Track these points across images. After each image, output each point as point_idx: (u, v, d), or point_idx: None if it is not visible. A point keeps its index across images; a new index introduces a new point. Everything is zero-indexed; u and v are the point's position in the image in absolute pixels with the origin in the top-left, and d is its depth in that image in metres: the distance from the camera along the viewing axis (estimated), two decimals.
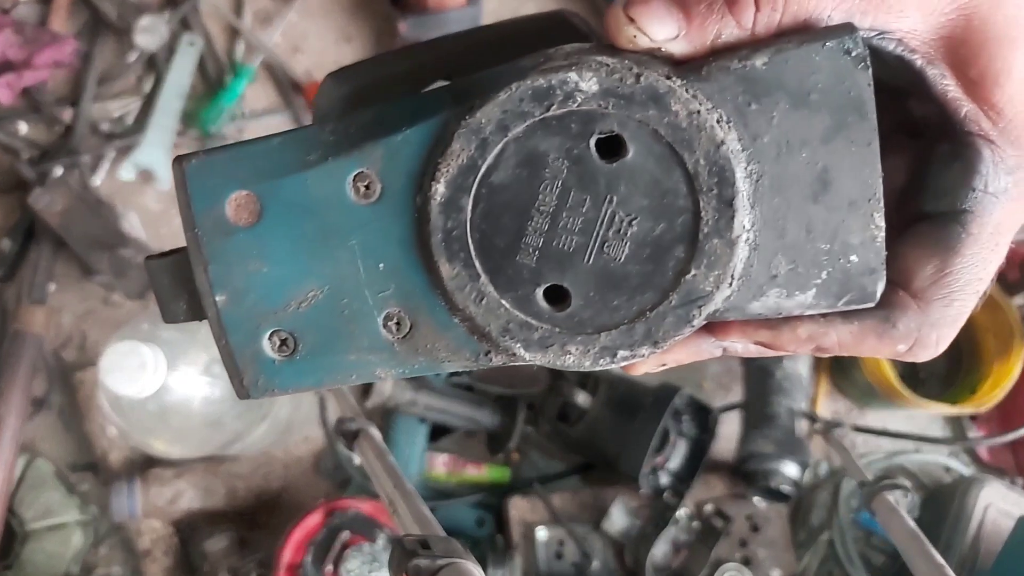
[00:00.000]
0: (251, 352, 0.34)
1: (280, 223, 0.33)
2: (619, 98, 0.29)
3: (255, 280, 0.33)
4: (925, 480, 1.11)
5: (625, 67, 0.29)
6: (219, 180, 0.32)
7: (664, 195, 0.30)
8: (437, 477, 1.09)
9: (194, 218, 0.33)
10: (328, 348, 0.34)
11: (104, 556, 1.08)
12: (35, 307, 1.10)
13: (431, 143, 0.31)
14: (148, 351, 0.76)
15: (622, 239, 0.31)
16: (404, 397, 1.01)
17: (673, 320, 0.31)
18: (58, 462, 1.09)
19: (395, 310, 0.33)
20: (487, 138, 0.30)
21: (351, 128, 0.32)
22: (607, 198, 0.30)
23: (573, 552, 0.99)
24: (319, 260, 0.33)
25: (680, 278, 0.31)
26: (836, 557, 1.07)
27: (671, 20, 0.29)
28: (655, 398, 0.97)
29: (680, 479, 1.00)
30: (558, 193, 0.30)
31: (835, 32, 0.29)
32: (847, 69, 0.29)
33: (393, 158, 0.32)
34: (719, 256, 0.30)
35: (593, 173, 0.30)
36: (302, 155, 0.32)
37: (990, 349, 1.04)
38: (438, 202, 0.31)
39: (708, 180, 0.30)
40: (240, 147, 0.33)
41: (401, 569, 0.40)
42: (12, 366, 1.06)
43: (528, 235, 0.31)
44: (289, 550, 0.92)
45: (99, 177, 1.16)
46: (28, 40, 1.14)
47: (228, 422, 0.88)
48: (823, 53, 0.29)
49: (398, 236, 0.32)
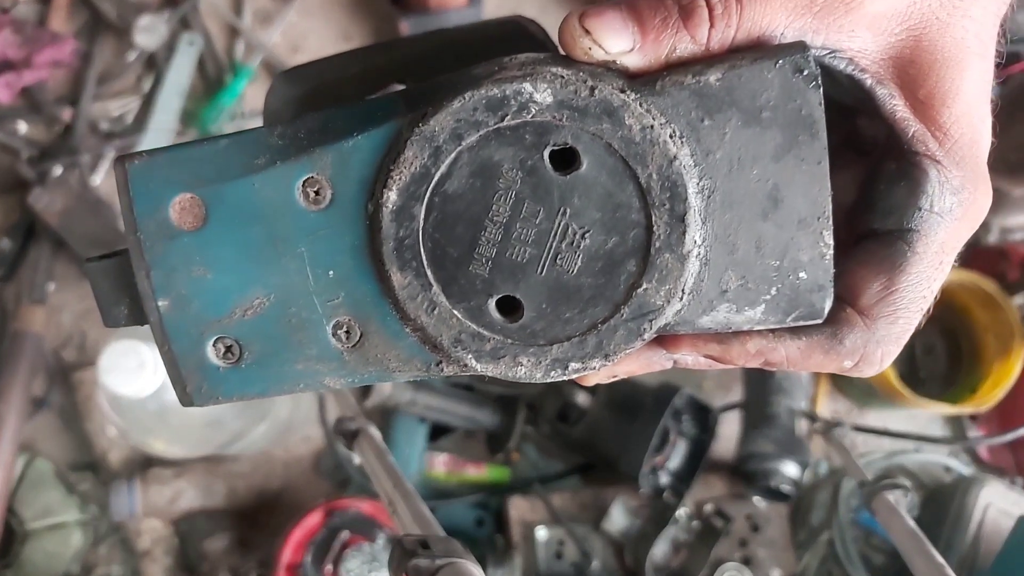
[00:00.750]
0: (195, 359, 0.33)
1: (226, 228, 0.32)
2: (573, 110, 0.29)
3: (199, 286, 0.32)
4: (925, 480, 1.10)
5: (580, 80, 0.29)
6: (163, 182, 0.31)
7: (617, 208, 0.30)
8: (437, 477, 1.09)
9: (136, 221, 0.32)
10: (275, 356, 0.33)
11: (104, 556, 1.08)
12: (35, 306, 1.10)
13: (383, 150, 0.31)
14: (147, 350, 0.76)
15: (575, 251, 0.31)
16: (404, 397, 1.01)
17: (624, 333, 0.31)
18: (58, 461, 1.09)
19: (345, 318, 0.32)
20: (440, 146, 0.30)
21: (300, 132, 0.32)
22: (560, 210, 0.30)
23: (573, 552, 0.99)
24: (266, 267, 0.32)
25: (632, 292, 0.31)
26: (836, 557, 1.07)
27: (626, 32, 0.29)
28: (655, 398, 0.97)
29: (680, 479, 1.00)
30: (512, 204, 0.30)
31: (787, 50, 0.29)
32: (798, 88, 0.29)
33: (344, 164, 0.31)
34: (670, 270, 0.30)
35: (547, 184, 0.30)
36: (249, 159, 0.31)
37: (990, 349, 1.04)
38: (390, 210, 0.30)
39: (660, 195, 0.30)
40: (185, 148, 0.32)
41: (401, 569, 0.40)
42: (12, 365, 1.06)
43: (481, 245, 0.31)
44: (289, 550, 0.93)
45: (99, 176, 1.16)
46: (28, 39, 1.14)
47: (227, 422, 0.88)
48: (775, 71, 0.29)
49: (349, 243, 0.31)
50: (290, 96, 0.39)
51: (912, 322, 0.33)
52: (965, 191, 0.31)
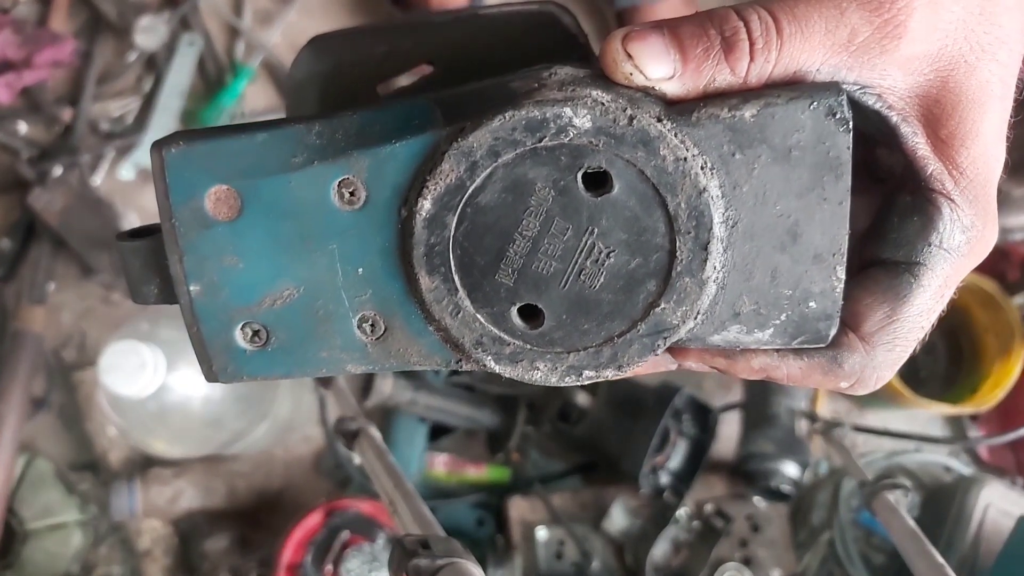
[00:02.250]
0: (222, 341, 0.34)
1: (260, 221, 0.32)
2: (610, 137, 0.30)
3: (230, 275, 0.33)
4: (925, 480, 1.11)
5: (619, 107, 0.30)
6: (200, 172, 0.32)
7: (643, 232, 0.31)
8: (437, 477, 1.09)
9: (171, 208, 0.32)
10: (301, 343, 0.34)
11: (104, 555, 1.08)
12: (35, 306, 1.10)
13: (420, 159, 0.31)
14: (148, 351, 0.76)
15: (599, 268, 0.31)
16: (404, 397, 1.01)
17: (639, 348, 0.32)
18: (58, 461, 1.09)
19: (371, 313, 0.33)
20: (477, 161, 0.30)
21: (338, 132, 0.32)
22: (588, 229, 0.31)
23: (573, 552, 0.99)
24: (297, 260, 0.33)
25: (650, 310, 0.32)
26: (836, 557, 1.07)
27: (668, 59, 0.30)
28: (656, 398, 0.97)
29: (680, 479, 1.00)
30: (542, 220, 0.31)
31: (822, 91, 0.30)
32: (829, 131, 0.30)
33: (380, 169, 0.31)
34: (689, 294, 0.31)
35: (577, 204, 0.31)
36: (287, 155, 0.32)
37: (991, 349, 1.04)
38: (423, 217, 0.31)
39: (687, 223, 0.31)
40: (224, 139, 0.32)
41: (401, 569, 0.40)
42: (12, 365, 1.06)
43: (508, 256, 0.31)
44: (289, 550, 0.93)
45: (99, 176, 1.16)
46: (28, 40, 1.14)
47: (228, 422, 0.88)
48: (808, 112, 0.30)
49: (379, 244, 0.32)
50: (315, 71, 0.39)
51: (909, 349, 0.34)
52: (975, 229, 0.32)
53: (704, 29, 0.29)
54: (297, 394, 1.00)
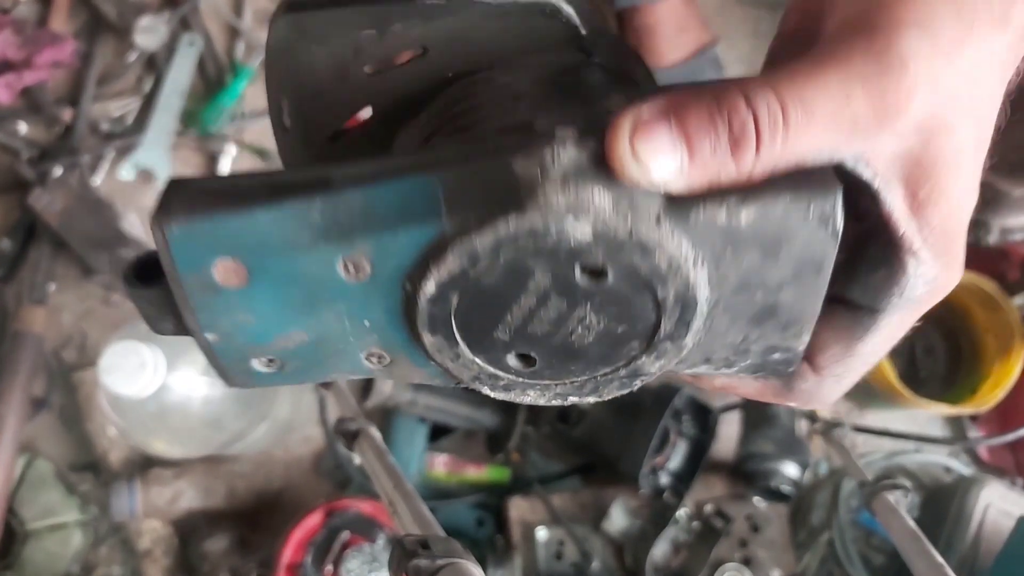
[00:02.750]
0: (240, 367, 0.36)
1: (268, 288, 0.33)
2: (609, 244, 0.31)
3: (243, 328, 0.34)
4: (925, 480, 1.11)
5: (620, 216, 0.30)
6: (204, 248, 0.32)
7: (632, 308, 0.33)
8: (437, 477, 1.09)
9: (180, 278, 0.33)
10: (313, 368, 0.36)
11: (104, 556, 1.08)
12: (35, 307, 1.10)
13: (424, 248, 0.32)
14: (148, 351, 0.76)
15: (588, 331, 0.33)
16: (404, 397, 1.01)
17: (617, 384, 0.36)
18: (58, 462, 1.10)
19: (376, 350, 0.36)
20: (479, 257, 0.31)
21: (340, 211, 0.32)
22: (582, 304, 0.33)
23: (573, 552, 1.00)
24: (306, 315, 0.34)
25: (631, 360, 0.35)
26: (836, 557, 1.07)
27: (674, 156, 0.29)
28: (655, 398, 0.97)
29: (680, 479, 1.00)
30: (538, 297, 0.32)
31: (819, 192, 0.30)
32: (819, 237, 0.31)
33: (385, 252, 0.32)
34: (667, 353, 0.34)
35: (572, 287, 0.32)
36: (290, 235, 0.32)
37: (990, 349, 1.04)
38: (427, 296, 0.32)
39: (674, 307, 0.32)
40: (224, 219, 0.32)
41: (401, 569, 0.40)
42: (12, 366, 1.06)
43: (506, 320, 0.33)
44: (289, 550, 0.93)
45: (99, 177, 1.17)
46: (28, 40, 1.14)
47: (228, 422, 0.88)
48: (803, 219, 0.31)
49: (384, 306, 0.34)
50: (296, 48, 0.39)
51: (855, 380, 0.37)
52: (937, 280, 0.33)
53: (712, 122, 0.29)
54: (297, 395, 1.01)
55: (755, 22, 1.23)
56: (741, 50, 1.22)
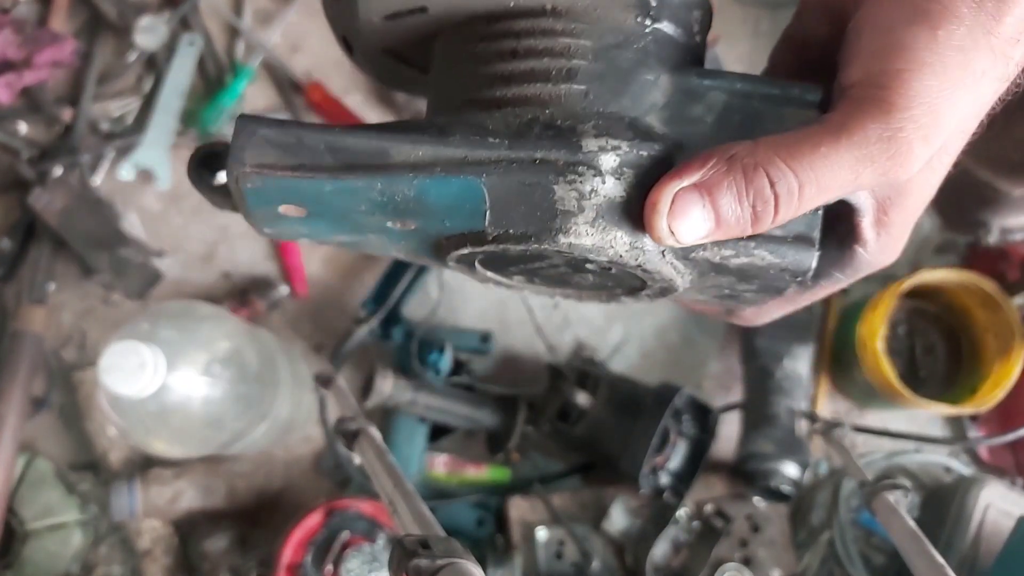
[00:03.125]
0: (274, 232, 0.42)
1: (323, 220, 0.38)
2: (617, 266, 0.36)
3: (296, 231, 0.40)
4: (925, 480, 1.11)
5: (632, 257, 0.35)
6: (272, 197, 0.36)
7: (625, 280, 0.39)
8: (437, 477, 1.09)
9: (249, 209, 0.37)
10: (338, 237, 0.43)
11: (104, 555, 1.08)
12: (35, 306, 1.10)
13: (465, 233, 0.36)
14: (148, 351, 0.76)
15: (584, 282, 0.41)
16: (404, 397, 1.01)
17: (601, 296, 0.45)
18: (58, 461, 1.10)
19: (404, 248, 0.42)
20: (510, 252, 0.36)
21: (398, 195, 0.35)
22: (585, 272, 0.39)
23: (573, 552, 1.00)
24: (352, 233, 0.40)
25: (616, 297, 0.42)
26: (836, 557, 1.07)
27: (704, 229, 0.33)
28: (655, 398, 0.97)
29: (680, 479, 1.00)
30: (550, 264, 0.38)
31: (800, 256, 0.35)
32: (787, 280, 0.37)
33: (431, 226, 0.37)
34: (644, 298, 0.41)
35: (581, 266, 0.38)
36: (350, 201, 0.36)
37: (990, 349, 1.04)
38: (454, 257, 0.38)
39: (656, 290, 0.39)
40: (293, 181, 0.35)
41: (401, 569, 0.40)
42: (12, 365, 1.06)
43: (520, 268, 0.39)
44: (289, 550, 0.93)
45: (99, 177, 1.17)
46: (28, 40, 1.14)
47: (228, 422, 0.88)
48: (779, 271, 0.36)
49: (420, 242, 0.39)
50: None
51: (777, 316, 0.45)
52: (874, 265, 0.39)
53: (740, 202, 0.32)
54: (297, 395, 1.01)
55: (755, 22, 1.23)
56: (740, 50, 1.22)
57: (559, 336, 1.15)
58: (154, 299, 1.13)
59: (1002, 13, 0.31)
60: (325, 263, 1.16)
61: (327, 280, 1.16)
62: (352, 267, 1.16)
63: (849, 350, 1.05)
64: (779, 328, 1.06)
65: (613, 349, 1.15)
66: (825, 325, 1.14)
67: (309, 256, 1.16)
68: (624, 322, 1.15)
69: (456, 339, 1.09)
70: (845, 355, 1.08)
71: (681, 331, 1.15)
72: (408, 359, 1.05)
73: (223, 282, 1.16)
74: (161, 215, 1.17)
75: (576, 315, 1.15)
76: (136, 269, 1.10)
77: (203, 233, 1.17)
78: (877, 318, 1.00)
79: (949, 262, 1.16)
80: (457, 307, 1.15)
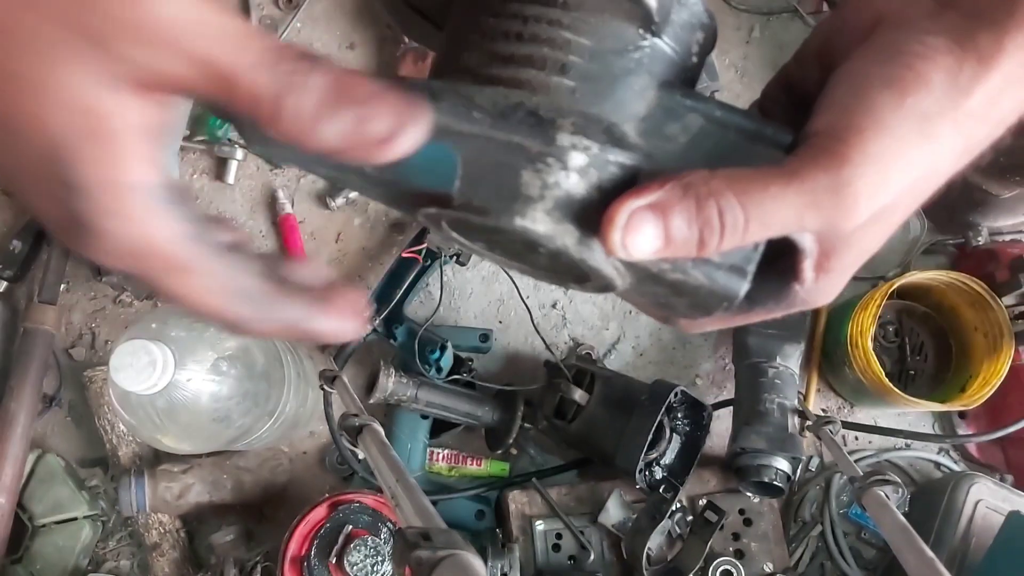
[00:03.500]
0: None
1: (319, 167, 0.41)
2: (563, 256, 0.36)
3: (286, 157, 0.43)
4: (915, 476, 1.12)
5: (579, 250, 0.36)
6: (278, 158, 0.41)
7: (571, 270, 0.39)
8: (438, 471, 1.10)
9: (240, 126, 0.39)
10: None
11: (113, 550, 1.09)
12: (46, 306, 1.12)
13: (433, 191, 0.37)
14: (157, 350, 0.77)
15: (536, 262, 0.41)
16: (406, 394, 1.02)
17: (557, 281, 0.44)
18: (68, 457, 1.11)
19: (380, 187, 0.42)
20: (471, 221, 0.37)
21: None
22: (536, 254, 0.38)
23: (570, 544, 1.01)
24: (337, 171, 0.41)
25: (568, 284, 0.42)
26: (827, 551, 1.08)
27: (653, 246, 0.34)
28: (650, 395, 0.98)
29: (674, 474, 1.01)
30: (507, 243, 0.39)
31: (730, 287, 0.37)
32: (716, 302, 0.38)
33: (406, 181, 0.38)
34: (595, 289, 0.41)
35: (534, 248, 0.37)
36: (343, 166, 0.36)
37: (979, 348, 1.05)
38: (423, 216, 0.39)
39: (596, 286, 0.40)
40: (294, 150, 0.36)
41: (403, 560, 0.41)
42: (23, 363, 1.08)
43: (481, 239, 0.40)
44: (294, 543, 0.93)
45: None
46: None
47: (235, 418, 0.89)
48: (711, 295, 0.37)
49: (395, 193, 0.41)
50: None
51: None
52: (808, 303, 0.39)
53: (690, 227, 0.33)
54: (302, 392, 1.02)
55: (748, 29, 1.24)
56: (734, 56, 1.23)
57: (557, 335, 1.16)
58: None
59: (972, 90, 0.32)
60: (330, 264, 1.18)
61: None
62: (356, 268, 1.18)
63: (840, 349, 1.06)
64: (771, 327, 1.07)
65: (609, 347, 1.17)
66: (816, 324, 1.15)
67: (315, 257, 1.17)
68: (620, 321, 1.17)
69: (457, 338, 1.10)
70: (836, 354, 1.09)
71: (675, 330, 1.16)
72: (410, 357, 1.05)
73: None
74: None
75: (573, 314, 1.17)
76: None
77: None
78: (867, 317, 1.01)
79: (939, 263, 1.17)
80: (458, 307, 1.16)
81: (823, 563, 1.08)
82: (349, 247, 1.18)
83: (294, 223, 1.17)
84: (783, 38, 1.24)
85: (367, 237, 1.19)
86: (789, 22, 1.24)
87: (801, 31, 1.24)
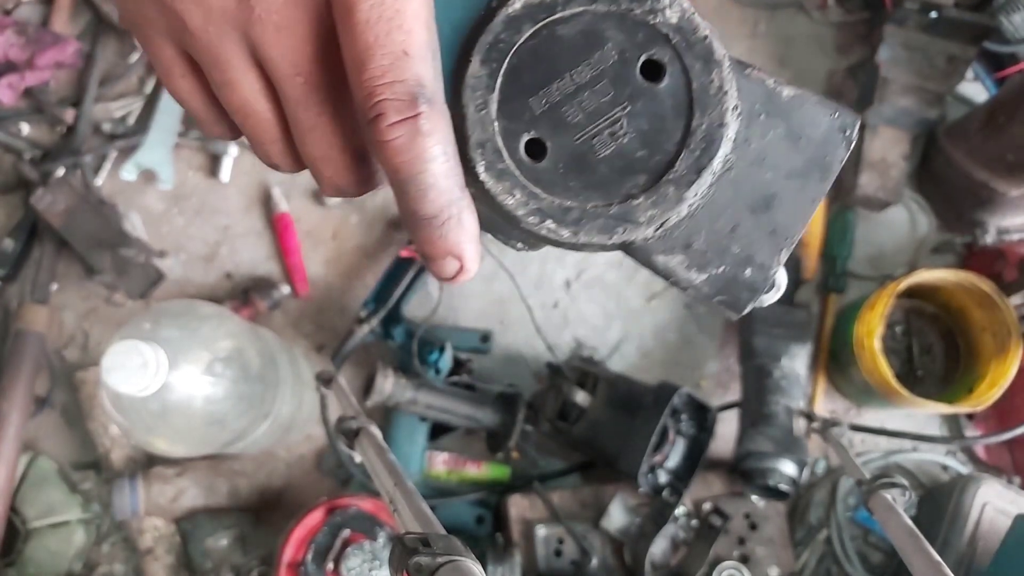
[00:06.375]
0: None
1: None
2: (684, 40, 0.34)
3: None
4: (922, 479, 1.11)
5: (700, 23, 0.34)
6: None
7: (661, 132, 0.34)
8: (437, 475, 1.09)
9: None
10: None
11: (106, 554, 1.09)
12: (38, 306, 1.11)
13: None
14: (150, 350, 0.76)
15: (612, 142, 0.35)
16: (404, 396, 1.02)
17: (600, 225, 0.35)
18: (60, 460, 1.10)
19: None
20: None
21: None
22: (624, 105, 0.34)
23: (572, 549, 1.00)
24: None
25: (628, 199, 0.35)
26: (834, 555, 1.07)
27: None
28: (654, 397, 0.97)
29: (679, 477, 1.00)
30: (594, 74, 0.34)
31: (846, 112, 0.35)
32: (836, 140, 0.36)
33: None
34: (666, 201, 0.34)
35: (628, 78, 0.34)
36: None
37: (987, 348, 1.05)
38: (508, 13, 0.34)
39: (698, 143, 0.34)
40: None
41: (401, 567, 0.40)
42: (15, 365, 1.07)
43: (550, 89, 0.34)
44: (290, 548, 0.93)
45: (101, 177, 1.17)
46: (30, 41, 1.15)
47: (230, 421, 0.89)
48: (829, 118, 0.35)
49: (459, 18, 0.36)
50: None
51: None
52: None
53: None
54: (298, 394, 1.01)
55: (753, 23, 1.24)
56: (738, 51, 1.22)
57: (558, 335, 1.15)
58: (156, 299, 1.14)
59: None
60: (326, 263, 1.17)
61: (328, 280, 1.17)
62: (353, 267, 1.17)
63: (847, 349, 1.05)
64: (777, 328, 1.06)
65: (612, 348, 1.15)
66: (823, 325, 1.14)
67: (310, 256, 1.16)
68: (623, 321, 1.16)
69: (456, 338, 1.09)
70: (843, 354, 1.08)
71: (680, 330, 1.16)
72: (409, 358, 1.05)
73: (225, 282, 1.17)
74: (163, 215, 1.18)
75: (575, 314, 1.16)
76: (138, 269, 1.11)
77: (205, 233, 1.18)
78: (875, 317, 1.01)
79: (946, 262, 1.16)
80: (457, 306, 1.15)
81: (829, 567, 1.08)
82: (345, 245, 1.17)
83: (289, 221, 1.16)
84: (788, 32, 1.23)
85: (364, 235, 1.17)
86: (794, 16, 1.23)
87: (806, 25, 1.23)
